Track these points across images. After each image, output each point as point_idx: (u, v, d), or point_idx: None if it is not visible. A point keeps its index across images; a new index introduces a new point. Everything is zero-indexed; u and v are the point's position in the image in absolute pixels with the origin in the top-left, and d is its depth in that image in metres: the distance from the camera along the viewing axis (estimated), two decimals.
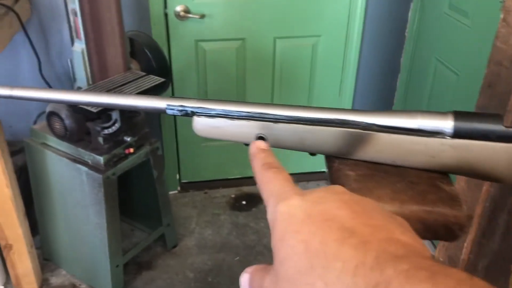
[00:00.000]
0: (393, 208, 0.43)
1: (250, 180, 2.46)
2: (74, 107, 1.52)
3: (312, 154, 0.54)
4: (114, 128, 1.64)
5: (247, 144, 0.56)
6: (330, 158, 0.52)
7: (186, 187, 2.69)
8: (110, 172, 1.74)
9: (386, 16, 2.42)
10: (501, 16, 1.03)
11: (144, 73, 1.70)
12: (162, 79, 1.65)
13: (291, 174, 0.36)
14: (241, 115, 0.52)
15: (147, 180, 2.01)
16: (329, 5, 2.34)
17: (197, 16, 2.20)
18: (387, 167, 0.49)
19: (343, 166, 0.49)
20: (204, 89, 2.41)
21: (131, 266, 2.16)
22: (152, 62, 1.75)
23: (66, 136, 1.69)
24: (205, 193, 2.68)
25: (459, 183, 1.25)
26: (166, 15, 2.21)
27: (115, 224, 1.85)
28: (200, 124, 0.54)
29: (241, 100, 2.28)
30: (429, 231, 0.43)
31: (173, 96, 1.47)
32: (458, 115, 0.47)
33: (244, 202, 2.61)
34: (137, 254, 2.17)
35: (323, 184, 2.39)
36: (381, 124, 0.48)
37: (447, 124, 0.47)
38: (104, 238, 1.83)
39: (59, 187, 1.88)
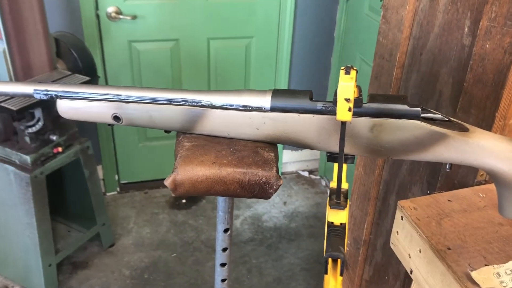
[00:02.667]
0: (213, 170, 0.50)
1: None
2: None
3: (166, 131, 0.61)
4: (37, 126, 1.66)
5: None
6: (178, 133, 0.59)
7: (126, 187, 2.71)
8: (38, 171, 1.76)
9: (315, 18, 2.53)
10: (382, 13, 1.14)
11: (69, 72, 1.73)
12: (87, 78, 1.68)
13: None
14: (97, 96, 0.58)
15: (79, 180, 2.03)
16: (260, 7, 2.43)
17: (128, 17, 2.24)
18: (221, 139, 0.56)
19: (185, 139, 0.56)
20: None
21: (66, 266, 2.16)
22: (78, 62, 1.78)
23: None
24: (145, 193, 2.71)
25: (358, 168, 1.36)
26: (97, 16, 2.24)
27: (46, 223, 1.86)
28: (63, 106, 0.60)
29: None
30: (245, 189, 0.50)
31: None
32: (275, 92, 0.55)
33: (184, 201, 2.66)
34: (73, 254, 2.18)
35: None
36: (215, 102, 0.56)
37: (265, 100, 0.54)
38: (35, 237, 1.84)
39: None
